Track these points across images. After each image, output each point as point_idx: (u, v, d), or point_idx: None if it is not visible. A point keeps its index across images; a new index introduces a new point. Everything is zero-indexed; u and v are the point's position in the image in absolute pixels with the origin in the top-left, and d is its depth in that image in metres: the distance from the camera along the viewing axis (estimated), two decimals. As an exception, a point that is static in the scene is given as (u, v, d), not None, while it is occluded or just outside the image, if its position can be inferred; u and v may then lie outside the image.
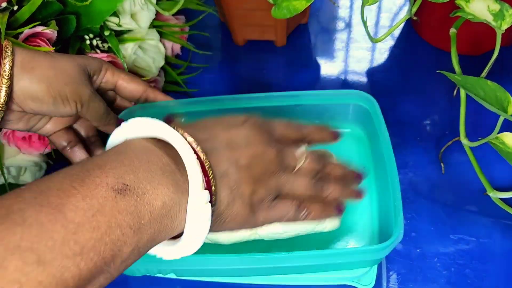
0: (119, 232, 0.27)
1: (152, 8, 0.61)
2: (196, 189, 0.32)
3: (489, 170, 0.55)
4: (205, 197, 0.32)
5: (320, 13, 0.79)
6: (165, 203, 0.30)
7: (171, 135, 0.33)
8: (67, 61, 0.44)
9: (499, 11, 0.48)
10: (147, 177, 0.30)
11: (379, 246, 0.41)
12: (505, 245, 0.52)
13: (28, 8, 0.49)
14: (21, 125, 0.46)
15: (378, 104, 0.51)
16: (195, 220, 0.32)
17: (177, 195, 0.31)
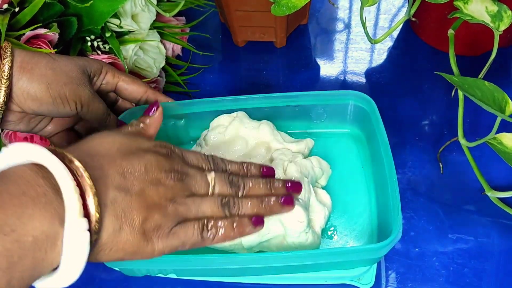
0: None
1: (152, 9, 0.62)
2: (72, 216, 0.30)
3: (487, 170, 0.56)
4: (83, 224, 0.30)
5: (319, 14, 0.80)
6: (36, 238, 0.28)
7: (49, 160, 0.30)
8: (66, 62, 0.44)
9: (497, 12, 0.48)
10: (17, 212, 0.28)
11: (377, 245, 0.41)
12: (503, 244, 0.52)
13: (29, 10, 0.49)
14: (22, 126, 0.46)
15: (376, 105, 0.51)
16: (71, 248, 0.30)
17: (52, 226, 0.29)
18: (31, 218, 0.28)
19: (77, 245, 0.30)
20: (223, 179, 0.40)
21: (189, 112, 0.54)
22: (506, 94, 0.44)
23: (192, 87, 0.70)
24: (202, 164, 0.40)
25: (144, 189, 0.35)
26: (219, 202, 0.39)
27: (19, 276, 0.28)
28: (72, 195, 0.30)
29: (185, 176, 0.38)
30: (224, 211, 0.39)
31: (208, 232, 0.38)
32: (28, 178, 0.30)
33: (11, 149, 0.31)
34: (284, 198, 0.42)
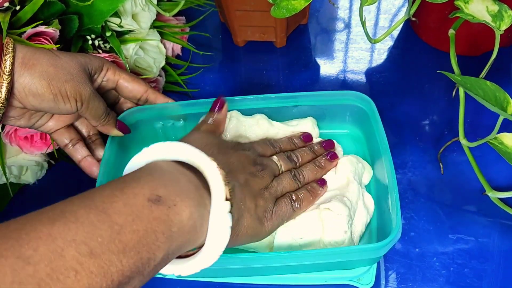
0: (154, 237, 0.30)
1: (153, 9, 0.61)
2: (218, 200, 0.35)
3: (488, 170, 0.56)
4: (226, 207, 0.35)
5: (319, 14, 0.80)
6: (192, 214, 0.33)
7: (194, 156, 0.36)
8: (68, 59, 0.44)
9: (498, 12, 0.48)
10: (176, 191, 0.33)
11: (377, 244, 0.41)
12: (504, 244, 0.52)
13: (30, 8, 0.49)
14: (22, 121, 0.46)
15: (375, 105, 0.51)
16: (216, 228, 0.34)
17: (200, 208, 0.34)
18: (186, 198, 0.33)
19: (221, 226, 0.34)
20: (284, 158, 0.48)
21: (188, 112, 0.54)
22: (507, 94, 0.44)
23: (192, 87, 0.70)
24: (266, 151, 0.48)
25: (248, 181, 0.42)
26: (291, 176, 0.47)
27: (175, 246, 0.32)
28: (219, 181, 0.35)
29: (264, 165, 0.45)
30: (296, 182, 0.47)
31: (295, 203, 0.45)
32: (175, 168, 0.35)
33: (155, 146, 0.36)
34: (330, 155, 0.51)
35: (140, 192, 0.31)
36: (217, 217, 0.34)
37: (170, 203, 0.32)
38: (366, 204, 0.50)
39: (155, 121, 0.55)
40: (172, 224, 0.31)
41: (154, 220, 0.31)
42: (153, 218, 0.31)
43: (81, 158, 0.50)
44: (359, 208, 0.48)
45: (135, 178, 0.33)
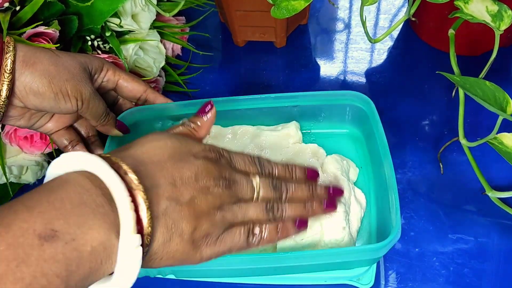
0: (45, 282, 0.26)
1: (152, 9, 0.62)
2: (127, 232, 0.30)
3: (488, 170, 0.56)
4: (136, 241, 0.30)
5: (319, 14, 0.80)
6: (94, 249, 0.28)
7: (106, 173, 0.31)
8: (68, 58, 0.44)
9: (498, 12, 0.48)
10: (78, 221, 0.28)
11: (376, 245, 0.41)
12: (504, 244, 0.52)
13: (30, 8, 0.49)
14: (23, 122, 0.46)
15: (374, 105, 0.51)
16: (124, 264, 0.30)
17: (108, 238, 0.29)
18: (90, 229, 0.28)
19: (130, 259, 0.30)
20: (268, 184, 0.40)
21: (187, 113, 0.54)
22: (507, 94, 0.44)
23: (191, 87, 0.70)
24: (248, 168, 0.40)
25: (194, 198, 0.35)
26: (264, 207, 0.39)
27: (74, 284, 0.28)
28: (127, 211, 0.30)
29: (232, 182, 0.38)
30: (268, 215, 0.39)
31: (253, 237, 0.38)
32: (87, 187, 0.30)
33: (67, 156, 0.31)
34: (327, 203, 0.42)
35: (30, 228, 0.26)
36: (125, 251, 0.30)
37: (67, 238, 0.27)
38: (358, 199, 0.50)
39: (155, 122, 0.55)
40: (70, 262, 0.27)
41: (45, 262, 0.26)
42: (44, 260, 0.26)
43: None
44: (352, 204, 0.49)
45: (30, 205, 0.28)
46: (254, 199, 0.39)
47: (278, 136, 0.54)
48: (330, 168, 0.51)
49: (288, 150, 0.53)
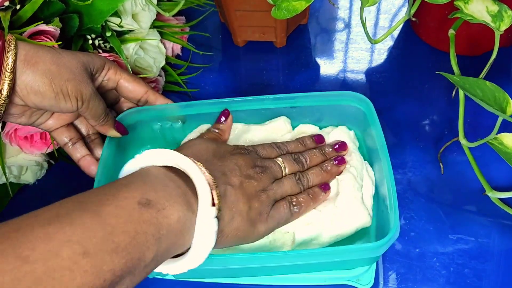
0: (144, 238, 0.31)
1: (153, 8, 0.62)
2: (205, 205, 0.36)
3: (488, 170, 0.56)
4: (212, 212, 0.36)
5: (319, 14, 0.80)
6: (179, 218, 0.34)
7: (183, 162, 0.37)
8: (70, 58, 0.44)
9: (498, 12, 0.48)
10: (165, 196, 0.34)
11: (375, 244, 0.41)
12: (504, 244, 0.52)
13: (30, 7, 0.49)
14: (23, 119, 0.46)
15: (372, 105, 0.51)
16: (202, 233, 0.36)
17: (188, 212, 0.35)
18: (175, 203, 0.34)
19: (207, 230, 0.36)
20: (289, 160, 0.48)
21: (186, 114, 0.54)
22: (507, 94, 0.44)
23: (191, 87, 0.70)
24: (271, 153, 0.48)
25: (242, 183, 0.42)
26: (294, 179, 0.47)
27: (164, 248, 0.33)
28: (205, 187, 0.36)
29: (265, 167, 0.45)
30: (299, 186, 0.47)
31: (294, 207, 0.45)
32: (165, 174, 0.37)
33: (147, 153, 0.38)
34: (338, 160, 0.50)
35: (131, 196, 0.33)
36: (203, 222, 0.36)
37: (159, 207, 0.33)
38: (369, 173, 0.51)
39: (154, 122, 0.54)
40: (161, 226, 0.33)
41: (144, 223, 0.32)
42: (143, 221, 0.32)
43: (80, 157, 0.50)
44: (365, 177, 0.50)
45: (126, 183, 0.34)
46: (284, 175, 0.47)
47: (266, 130, 0.54)
48: (340, 138, 0.53)
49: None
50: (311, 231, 0.46)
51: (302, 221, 0.46)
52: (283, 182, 0.46)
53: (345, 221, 0.47)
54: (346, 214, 0.47)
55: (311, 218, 0.47)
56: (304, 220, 0.46)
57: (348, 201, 0.47)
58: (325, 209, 0.47)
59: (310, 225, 0.46)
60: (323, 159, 0.50)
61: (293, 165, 0.48)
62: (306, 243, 0.47)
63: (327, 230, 0.47)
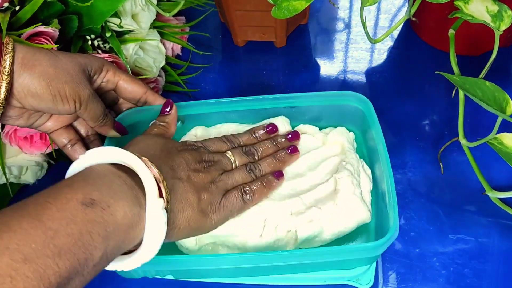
0: (89, 238, 0.31)
1: (152, 9, 0.62)
2: (152, 197, 0.36)
3: (488, 170, 0.56)
4: (160, 204, 0.36)
5: (319, 14, 0.80)
6: (126, 214, 0.34)
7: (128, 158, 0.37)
8: (68, 60, 0.44)
9: (498, 12, 0.48)
10: (110, 193, 0.34)
11: (374, 243, 0.41)
12: (504, 244, 0.52)
13: (29, 8, 0.49)
14: (21, 121, 0.46)
15: (372, 105, 0.51)
16: (152, 225, 0.36)
17: (135, 207, 0.35)
18: (121, 199, 0.34)
19: (157, 222, 0.36)
20: (239, 153, 0.49)
21: (186, 114, 0.54)
22: (507, 94, 0.44)
23: (191, 87, 0.70)
24: (220, 147, 0.49)
25: (190, 177, 0.42)
26: (245, 170, 0.47)
27: (112, 245, 0.33)
28: (151, 180, 0.36)
29: (213, 161, 0.46)
30: (250, 175, 0.47)
31: (247, 195, 0.46)
32: (111, 171, 0.36)
33: (91, 152, 0.37)
34: (291, 149, 0.50)
35: (74, 197, 0.32)
36: (151, 214, 0.36)
37: (103, 205, 0.33)
38: (365, 170, 0.51)
39: (153, 122, 0.54)
40: (107, 224, 0.33)
41: (88, 223, 0.32)
42: (87, 221, 0.32)
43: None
44: (362, 174, 0.50)
45: (68, 184, 0.34)
46: (234, 167, 0.47)
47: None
48: (338, 140, 0.52)
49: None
50: (312, 228, 0.46)
51: (303, 219, 0.46)
52: (233, 173, 0.46)
53: (345, 217, 0.47)
54: (346, 210, 0.47)
55: (312, 215, 0.46)
56: (305, 218, 0.46)
57: (347, 198, 0.47)
58: (325, 207, 0.47)
59: (311, 222, 0.46)
60: (276, 149, 0.51)
61: (243, 158, 0.48)
62: (309, 240, 0.47)
63: (329, 227, 0.47)
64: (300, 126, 0.54)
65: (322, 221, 0.46)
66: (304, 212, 0.47)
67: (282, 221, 0.46)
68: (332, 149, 0.52)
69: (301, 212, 0.47)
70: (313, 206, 0.47)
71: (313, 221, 0.46)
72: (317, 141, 0.53)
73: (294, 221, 0.46)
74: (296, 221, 0.46)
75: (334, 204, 0.47)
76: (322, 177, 0.50)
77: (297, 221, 0.46)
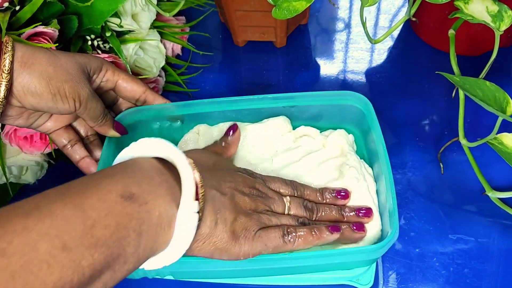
0: (125, 233, 0.31)
1: (152, 9, 0.62)
2: (187, 198, 0.35)
3: (488, 170, 0.56)
4: (194, 206, 0.35)
5: (319, 14, 0.80)
6: (161, 214, 0.33)
7: (174, 155, 0.36)
8: (67, 59, 0.44)
9: (498, 12, 0.48)
10: (148, 189, 0.33)
11: (375, 246, 0.41)
12: (504, 244, 0.52)
13: (29, 8, 0.49)
14: (21, 121, 0.46)
15: (371, 105, 0.51)
16: (182, 227, 0.34)
17: (171, 207, 0.34)
18: (158, 197, 0.33)
19: (187, 224, 0.34)
20: (299, 203, 0.45)
21: (185, 113, 0.54)
22: (507, 94, 0.44)
23: (191, 87, 0.70)
24: (281, 188, 0.46)
25: (234, 195, 0.41)
26: (295, 219, 0.44)
27: (144, 244, 0.32)
28: (190, 181, 0.35)
29: (265, 195, 0.44)
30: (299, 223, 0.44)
31: (289, 236, 0.42)
32: (153, 165, 0.36)
33: (140, 142, 0.37)
34: (356, 226, 0.45)
35: (114, 189, 0.32)
36: (183, 215, 0.34)
37: (141, 201, 0.32)
38: (368, 171, 0.51)
39: (153, 122, 0.55)
40: (143, 221, 0.32)
41: (126, 216, 0.31)
42: (125, 214, 0.31)
43: (80, 158, 0.50)
44: (366, 176, 0.50)
45: (110, 174, 0.33)
46: (286, 213, 0.44)
47: (264, 128, 0.53)
48: (338, 142, 0.52)
49: (279, 142, 0.53)
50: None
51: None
52: (281, 216, 0.43)
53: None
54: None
55: None
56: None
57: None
58: None
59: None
60: (339, 219, 0.46)
61: (300, 210, 0.45)
62: None
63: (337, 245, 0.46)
64: (301, 128, 0.54)
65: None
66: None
67: None
68: (332, 151, 0.52)
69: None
70: None
71: None
72: (318, 143, 0.53)
73: None
74: None
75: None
76: (322, 178, 0.50)
77: None
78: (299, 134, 0.54)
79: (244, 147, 0.53)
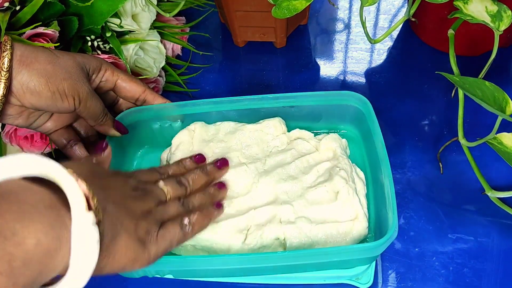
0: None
1: (153, 9, 0.62)
2: (79, 211, 0.29)
3: (487, 170, 0.56)
4: (90, 218, 0.30)
5: (319, 14, 0.80)
6: (39, 240, 0.27)
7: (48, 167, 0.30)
8: (66, 58, 0.45)
9: (497, 12, 0.49)
10: (16, 218, 0.27)
11: (374, 243, 0.41)
12: (503, 244, 0.52)
13: (29, 9, 0.50)
14: (21, 120, 0.46)
15: (371, 105, 0.51)
16: (81, 245, 0.29)
17: (54, 229, 0.28)
18: (32, 221, 0.27)
19: (86, 240, 0.29)
20: (172, 183, 0.45)
21: (185, 113, 0.54)
22: (506, 94, 0.44)
23: (192, 87, 0.70)
24: (151, 177, 0.45)
25: (126, 202, 0.38)
26: (178, 204, 0.44)
27: (23, 282, 0.26)
28: (76, 191, 0.30)
29: (146, 191, 0.42)
30: (185, 209, 0.44)
31: (187, 227, 0.42)
32: (24, 187, 0.29)
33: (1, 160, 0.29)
34: (219, 185, 0.48)
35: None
36: (79, 231, 0.29)
37: (6, 233, 0.26)
38: (359, 175, 0.51)
39: (153, 122, 0.55)
40: (12, 258, 0.26)
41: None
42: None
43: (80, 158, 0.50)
44: (356, 179, 0.50)
45: None
46: (168, 199, 0.44)
47: (259, 130, 0.54)
48: (330, 145, 0.52)
49: (274, 143, 0.54)
50: (304, 241, 0.46)
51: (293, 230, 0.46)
52: (167, 206, 0.43)
53: (343, 237, 0.47)
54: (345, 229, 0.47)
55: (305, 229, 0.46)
56: (296, 230, 0.46)
57: (347, 216, 0.47)
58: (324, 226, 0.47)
59: (305, 236, 0.47)
60: (206, 179, 0.48)
61: (175, 188, 0.45)
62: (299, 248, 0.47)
63: (324, 243, 0.47)
64: (295, 131, 0.54)
65: (318, 237, 0.46)
66: (294, 222, 0.47)
67: (269, 228, 0.46)
68: (325, 154, 0.52)
69: (291, 222, 0.47)
70: (304, 216, 0.47)
71: (307, 235, 0.46)
72: (311, 146, 0.53)
73: (283, 229, 0.46)
74: (285, 229, 0.46)
75: (333, 224, 0.47)
76: (314, 180, 0.50)
77: (286, 229, 0.46)
78: (293, 137, 0.54)
79: (238, 146, 0.53)
